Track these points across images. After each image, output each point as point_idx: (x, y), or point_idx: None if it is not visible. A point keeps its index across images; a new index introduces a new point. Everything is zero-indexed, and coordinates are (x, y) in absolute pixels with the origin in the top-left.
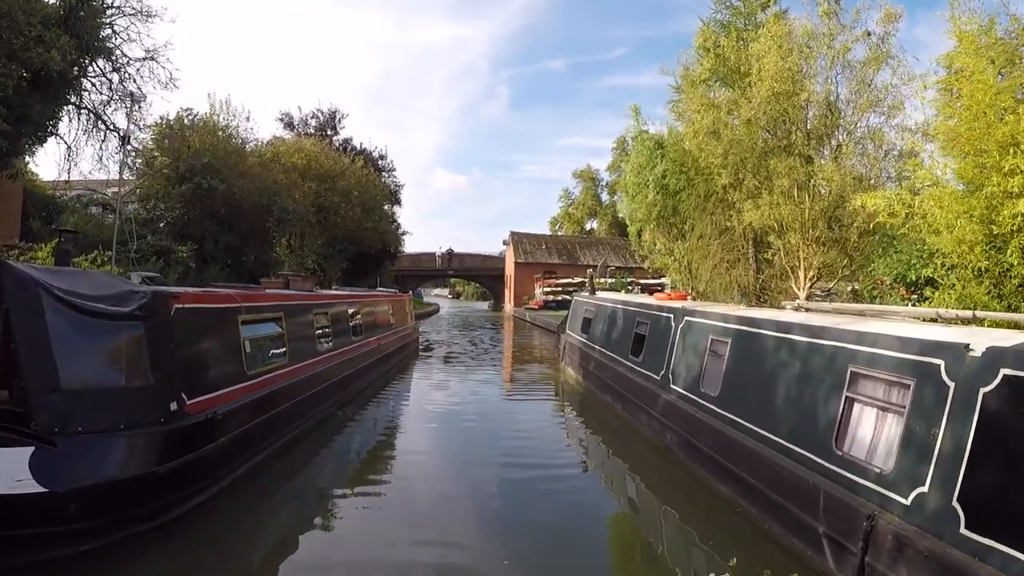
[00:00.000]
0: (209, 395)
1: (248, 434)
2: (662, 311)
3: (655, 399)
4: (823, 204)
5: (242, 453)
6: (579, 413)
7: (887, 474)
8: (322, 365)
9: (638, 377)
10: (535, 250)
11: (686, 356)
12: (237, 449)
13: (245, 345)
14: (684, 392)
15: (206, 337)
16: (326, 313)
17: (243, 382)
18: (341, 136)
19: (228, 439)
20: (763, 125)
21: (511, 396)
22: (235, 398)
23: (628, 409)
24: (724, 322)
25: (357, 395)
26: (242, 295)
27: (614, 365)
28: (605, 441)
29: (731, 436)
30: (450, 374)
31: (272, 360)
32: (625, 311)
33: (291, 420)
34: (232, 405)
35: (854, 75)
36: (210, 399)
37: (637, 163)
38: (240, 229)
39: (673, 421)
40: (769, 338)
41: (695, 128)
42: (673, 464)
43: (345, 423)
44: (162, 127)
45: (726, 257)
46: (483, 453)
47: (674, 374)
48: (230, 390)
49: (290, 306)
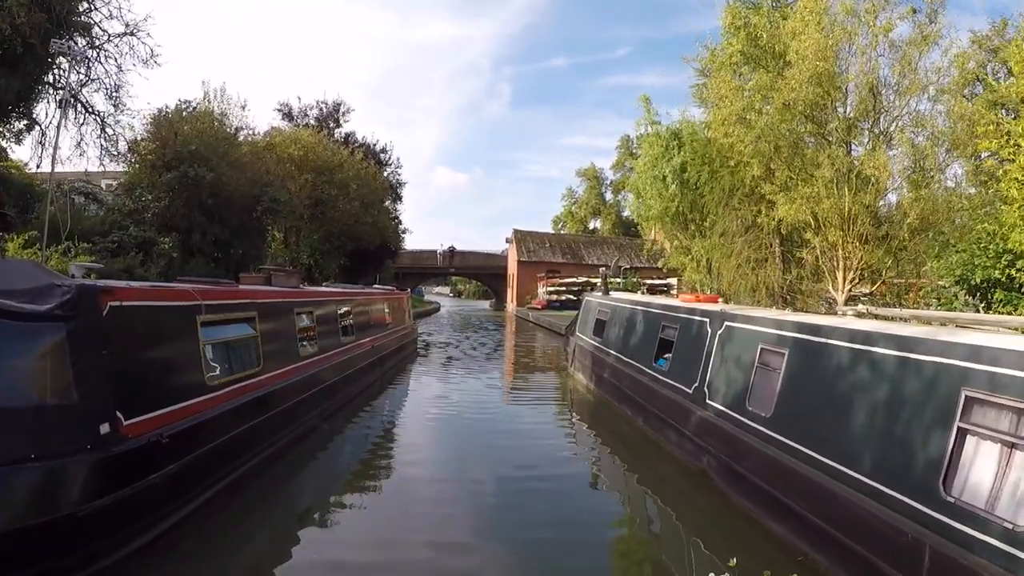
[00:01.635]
0: (154, 413)
1: (207, 458)
2: (694, 314)
3: (686, 415)
4: (869, 197)
5: (199, 482)
6: (591, 426)
7: (1019, 531)
8: (305, 371)
9: (664, 388)
10: (538, 248)
11: (727, 367)
12: (192, 477)
13: (205, 351)
14: (725, 409)
15: (152, 342)
16: (311, 312)
17: (202, 395)
18: (344, 130)
19: (180, 466)
20: (800, 110)
21: (515, 403)
22: (190, 415)
23: (652, 424)
24: (778, 329)
25: (346, 404)
26: (203, 291)
27: (633, 373)
28: (623, 458)
29: (789, 466)
30: (450, 378)
31: (242, 367)
32: (647, 314)
33: (265, 437)
34: (185, 424)
35: (899, 56)
36: (155, 418)
37: (651, 155)
38: (229, 221)
39: (711, 442)
40: (842, 350)
41: (723, 114)
42: (710, 491)
43: (331, 437)
44: (159, 119)
45: (752, 256)
46: (486, 468)
47: (711, 388)
48: (183, 406)
49: (267, 304)
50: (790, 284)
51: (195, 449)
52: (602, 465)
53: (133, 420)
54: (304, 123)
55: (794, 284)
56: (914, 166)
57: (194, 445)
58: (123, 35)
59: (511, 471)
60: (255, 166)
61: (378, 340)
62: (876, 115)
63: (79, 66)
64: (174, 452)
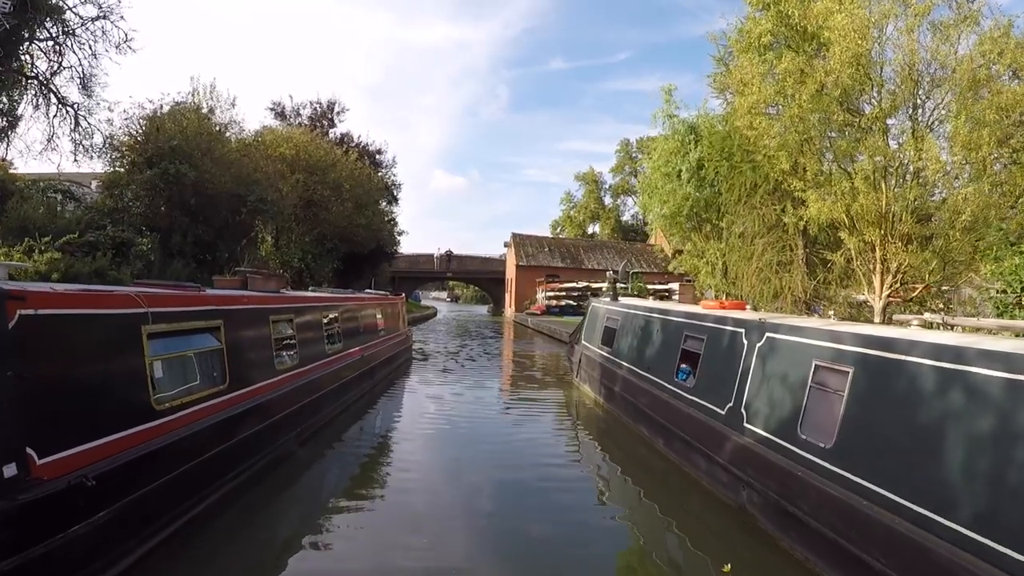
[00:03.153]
0: (78, 448)
1: (153, 499)
2: (724, 324)
3: (719, 440)
4: (912, 192)
5: (142, 528)
6: (603, 446)
7: None
8: (282, 387)
9: (689, 407)
10: (537, 253)
11: (769, 386)
12: (131, 523)
13: (153, 368)
14: (769, 436)
15: (78, 359)
16: (290, 320)
17: (147, 422)
18: (339, 130)
19: (114, 512)
20: (836, 96)
21: (517, 417)
22: (129, 448)
23: (675, 447)
24: (838, 343)
25: (330, 422)
26: (151, 297)
27: (650, 388)
28: (640, 483)
29: (861, 510)
30: (446, 390)
31: (203, 386)
32: (665, 322)
33: (232, 465)
34: (122, 459)
35: (940, 38)
36: (79, 455)
37: (666, 150)
38: (214, 222)
39: (752, 474)
40: (926, 370)
41: (749, 102)
42: (750, 531)
43: (308, 465)
44: (138, 112)
45: (775, 258)
46: (485, 492)
47: (749, 409)
48: (120, 437)
49: (236, 312)
50: (815, 289)
51: (136, 489)
52: (615, 489)
53: (49, 459)
54: (297, 123)
55: (819, 289)
56: (966, 157)
57: (134, 484)
58: (96, 19)
59: (513, 495)
60: (242, 164)
61: (369, 349)
62: (916, 102)
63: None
64: (105, 495)
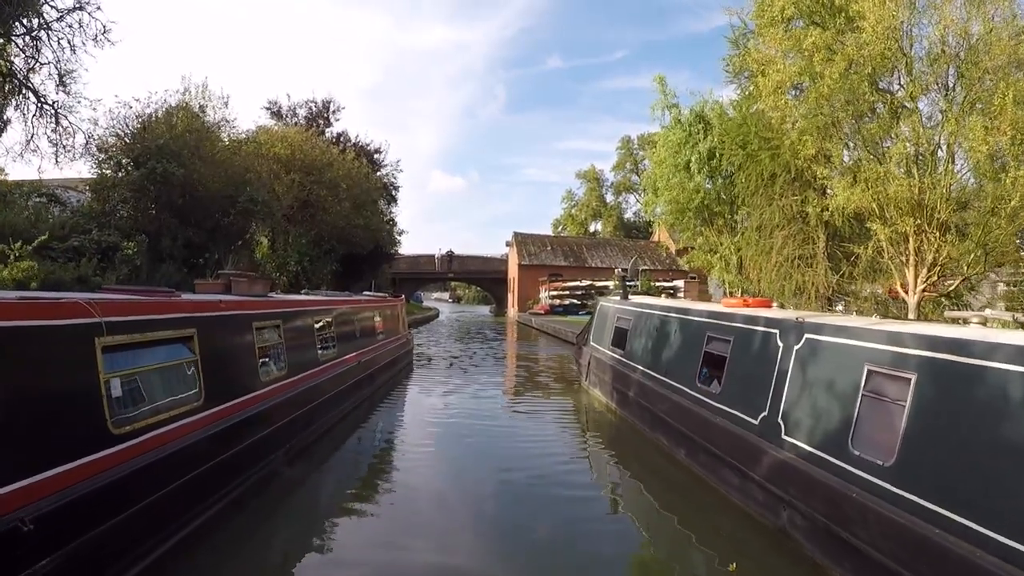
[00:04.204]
0: (14, 486)
1: (108, 540)
2: (755, 324)
3: (752, 453)
4: (947, 178)
5: (99, 570)
6: (618, 456)
7: None
8: (268, 399)
9: (716, 416)
10: (540, 251)
11: (812, 394)
12: (83, 567)
13: (109, 386)
14: (813, 450)
15: (15, 379)
16: (277, 326)
17: (101, 449)
18: (336, 129)
19: (58, 559)
20: (866, 74)
21: (523, 423)
22: (78, 481)
23: (699, 459)
24: (895, 345)
25: (324, 435)
26: (106, 305)
27: (669, 394)
28: (659, 495)
29: (930, 538)
30: (448, 395)
31: (173, 404)
32: (684, 322)
33: (206, 494)
34: (69, 495)
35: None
36: (16, 493)
37: (673, 141)
38: (204, 224)
39: (795, 493)
40: (1014, 377)
41: (774, 81)
42: (795, 557)
43: (295, 487)
44: (141, 118)
45: (796, 252)
46: (491, 513)
47: (788, 420)
48: (68, 469)
49: (212, 319)
50: (837, 284)
51: (89, 529)
52: (629, 500)
53: None
54: (294, 122)
55: (842, 284)
56: (1014, 138)
57: (87, 523)
58: (72, 10)
59: (528, 516)
60: (233, 163)
61: (366, 355)
62: (949, 82)
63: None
64: (48, 540)
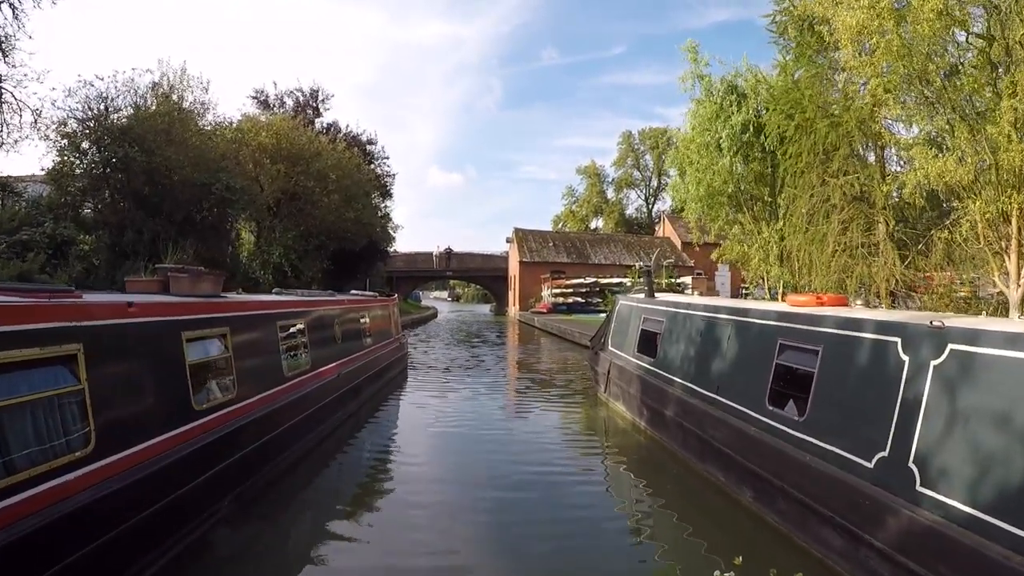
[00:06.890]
0: None
1: None
2: (859, 329)
3: (869, 509)
4: None
5: None
6: (650, 485)
7: None
8: (201, 436)
9: (800, 450)
10: (541, 248)
11: (965, 431)
12: None
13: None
14: (976, 514)
15: None
16: (223, 336)
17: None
18: (326, 119)
19: None
20: (961, 19)
21: (533, 440)
22: None
23: (776, 506)
24: None
25: (284, 474)
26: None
27: (725, 416)
28: (711, 541)
29: None
30: (446, 405)
31: (43, 454)
32: (743, 325)
33: (127, 557)
34: None
35: None
36: None
37: (702, 116)
38: (174, 216)
39: (945, 573)
40: None
41: (859, 19)
42: None
43: (235, 554)
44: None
45: (856, 239)
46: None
47: (925, 465)
48: None
49: (111, 330)
50: (903, 276)
51: None
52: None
53: None
54: (282, 112)
55: (911, 279)
56: None
57: None
58: None
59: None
60: (208, 148)
61: (349, 364)
62: None
63: None
64: None
